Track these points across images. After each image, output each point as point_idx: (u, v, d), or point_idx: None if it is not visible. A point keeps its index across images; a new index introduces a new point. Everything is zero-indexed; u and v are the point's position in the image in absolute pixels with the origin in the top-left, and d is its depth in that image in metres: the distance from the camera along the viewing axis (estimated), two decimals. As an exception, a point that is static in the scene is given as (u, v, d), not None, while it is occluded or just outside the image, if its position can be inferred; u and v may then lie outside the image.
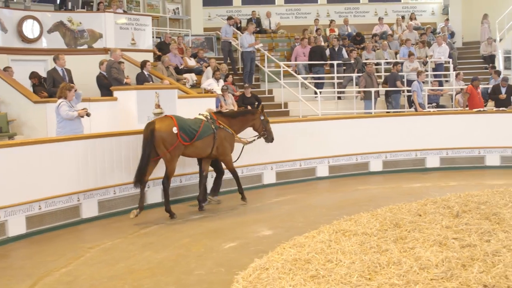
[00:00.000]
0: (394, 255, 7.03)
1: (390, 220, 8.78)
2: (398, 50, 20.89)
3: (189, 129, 10.39)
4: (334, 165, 14.17)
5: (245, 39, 18.62)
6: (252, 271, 6.86)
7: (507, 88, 16.56)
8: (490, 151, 14.92)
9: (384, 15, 25.47)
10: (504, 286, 5.96)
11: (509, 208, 9.32)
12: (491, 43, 22.12)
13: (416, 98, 16.06)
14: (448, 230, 8.16)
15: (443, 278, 6.23)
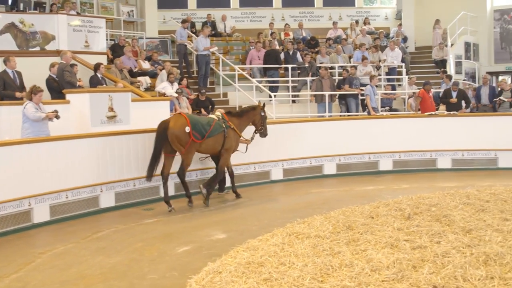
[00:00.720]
0: (346, 257, 7.08)
1: (343, 223, 8.84)
2: (352, 54, 21.09)
3: (201, 128, 11.17)
4: (288, 168, 14.24)
5: (200, 43, 18.56)
6: (205, 274, 6.83)
7: (458, 92, 16.83)
8: (441, 154, 15.17)
9: (338, 19, 25.68)
10: (453, 286, 6.06)
11: (459, 210, 9.49)
12: (442, 48, 22.47)
13: (369, 102, 16.22)
14: (399, 232, 8.25)
15: (394, 279, 6.30)
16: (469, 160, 15.12)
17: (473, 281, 6.15)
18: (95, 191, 11.02)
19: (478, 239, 7.75)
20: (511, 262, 6.68)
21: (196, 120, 11.30)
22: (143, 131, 11.86)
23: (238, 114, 12.43)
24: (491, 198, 10.39)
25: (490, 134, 15.06)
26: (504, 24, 25.59)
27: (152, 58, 18.64)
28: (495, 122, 15.31)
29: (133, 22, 23.56)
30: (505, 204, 9.88)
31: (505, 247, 7.24)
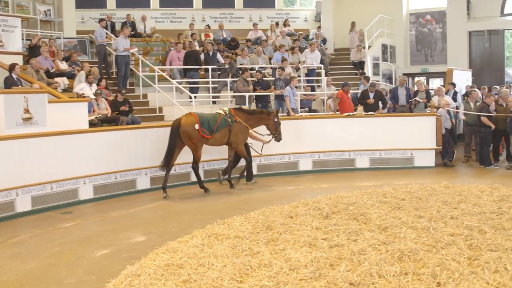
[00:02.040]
0: (265, 257, 7.14)
1: (262, 223, 8.90)
2: (272, 55, 21.23)
3: (208, 125, 12.56)
4: (208, 169, 14.20)
5: (119, 43, 18.32)
6: (124, 278, 6.76)
7: (375, 93, 17.18)
8: (359, 154, 15.45)
9: (258, 21, 25.88)
10: (369, 283, 6.19)
11: (376, 208, 9.70)
12: (360, 50, 22.94)
13: (288, 103, 16.36)
14: (318, 231, 8.38)
15: (312, 278, 6.38)
16: (386, 159, 15.46)
17: (388, 277, 6.31)
18: (10, 195, 10.71)
19: (394, 236, 7.96)
20: (424, 258, 6.89)
21: (204, 118, 12.66)
22: (60, 133, 11.64)
23: (248, 112, 13.65)
24: (406, 196, 10.69)
25: (406, 134, 15.41)
26: (419, 27, 26.35)
27: (70, 59, 18.28)
28: (411, 122, 15.69)
29: (50, 21, 23.03)
30: (419, 202, 10.17)
31: (418, 244, 7.46)
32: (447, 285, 6.10)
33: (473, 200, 10.23)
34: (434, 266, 6.57)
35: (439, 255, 6.96)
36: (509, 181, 13.05)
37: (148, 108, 18.12)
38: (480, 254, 7.04)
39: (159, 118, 17.48)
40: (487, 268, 6.53)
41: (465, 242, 7.56)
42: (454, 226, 8.43)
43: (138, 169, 13.04)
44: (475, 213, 9.17)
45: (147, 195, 12.91)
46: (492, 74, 25.01)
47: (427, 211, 9.37)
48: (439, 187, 11.72)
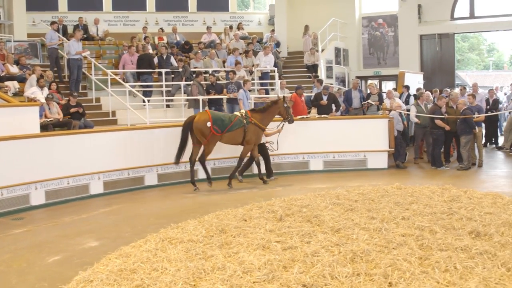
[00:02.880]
0: (219, 261, 7.13)
1: (216, 226, 8.89)
2: (226, 59, 21.23)
3: (221, 123, 13.28)
4: (163, 173, 14.15)
5: (71, 46, 18.10)
6: (76, 284, 6.70)
7: (328, 96, 17.30)
8: (313, 156, 15.56)
9: (212, 24, 25.90)
10: (321, 284, 6.23)
11: (329, 210, 9.78)
12: (314, 53, 23.10)
13: (242, 106, 16.36)
14: (271, 233, 8.40)
15: (265, 280, 6.41)
16: (339, 161, 15.58)
17: (341, 279, 6.36)
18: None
19: (346, 237, 8.03)
20: (376, 259, 6.96)
21: (218, 117, 13.44)
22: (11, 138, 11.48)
23: (261, 110, 14.18)
24: (359, 198, 10.79)
25: (359, 136, 15.58)
26: (372, 30, 26.65)
27: (21, 62, 18.00)
28: (364, 124, 15.87)
29: (0, 24, 22.62)
30: (372, 203, 10.29)
31: (371, 245, 7.54)
32: (398, 285, 6.18)
33: (425, 201, 10.39)
34: (386, 266, 6.64)
35: (390, 256, 7.04)
36: (459, 181, 13.30)
37: (101, 112, 17.94)
38: (431, 254, 7.15)
39: (112, 122, 17.33)
40: (437, 268, 6.64)
41: (416, 242, 7.67)
42: (405, 226, 8.55)
43: (91, 174, 12.89)
44: (426, 214, 9.32)
45: (100, 200, 12.80)
46: (443, 77, 25.45)
47: (380, 212, 9.49)
48: (391, 188, 11.86)
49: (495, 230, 8.23)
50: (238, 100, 16.72)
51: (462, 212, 9.36)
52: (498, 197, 10.88)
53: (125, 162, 13.49)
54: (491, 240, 7.82)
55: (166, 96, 18.95)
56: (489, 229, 8.27)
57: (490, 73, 55.25)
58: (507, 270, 6.63)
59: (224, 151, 14.63)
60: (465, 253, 7.17)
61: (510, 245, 7.60)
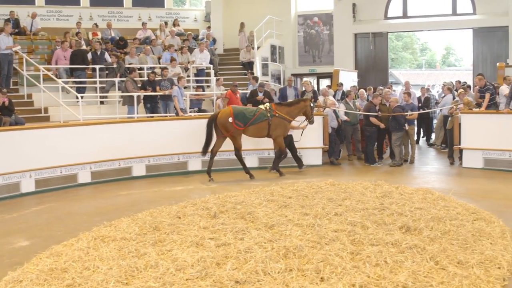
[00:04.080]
0: (152, 258, 7.09)
1: (150, 224, 8.83)
2: (161, 55, 21.06)
3: (243, 118, 13.86)
4: (96, 170, 13.96)
5: (2, 41, 17.61)
6: (5, 285, 6.56)
7: (264, 93, 17.36)
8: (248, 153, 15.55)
9: (148, 20, 25.58)
10: (254, 280, 6.28)
11: (263, 207, 9.83)
12: (249, 51, 23.15)
13: (177, 103, 16.25)
14: (205, 230, 8.40)
15: (198, 277, 6.41)
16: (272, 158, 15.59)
17: (273, 274, 6.41)
18: None
19: (280, 234, 8.09)
20: (309, 254, 7.04)
21: (240, 111, 14.00)
22: None
23: (286, 104, 14.80)
24: (293, 195, 10.88)
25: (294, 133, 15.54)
26: (307, 28, 26.88)
27: None
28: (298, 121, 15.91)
29: None
30: (306, 200, 10.38)
31: (303, 241, 7.62)
32: (330, 280, 6.26)
33: (357, 197, 10.55)
34: (318, 261, 6.73)
35: (323, 251, 7.14)
36: (391, 178, 13.55)
37: (33, 108, 17.53)
38: (362, 249, 7.28)
39: (44, 119, 16.93)
40: (368, 262, 6.76)
41: (348, 238, 7.79)
42: (338, 222, 8.67)
43: (22, 172, 12.62)
44: (358, 209, 9.46)
45: (32, 198, 12.54)
46: (377, 75, 25.91)
47: (313, 208, 9.58)
48: (325, 185, 11.99)
49: (424, 225, 8.43)
50: (172, 97, 16.57)
51: (394, 208, 9.54)
52: (429, 192, 11.16)
53: (57, 160, 13.23)
54: (420, 234, 8.02)
55: (100, 93, 18.64)
56: (419, 224, 8.47)
57: (423, 72, 56.50)
58: (435, 263, 6.81)
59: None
60: (395, 248, 7.32)
61: (438, 239, 7.81)
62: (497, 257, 7.06)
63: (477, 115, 15.01)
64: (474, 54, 25.24)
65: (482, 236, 8.07)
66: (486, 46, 24.70)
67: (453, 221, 8.77)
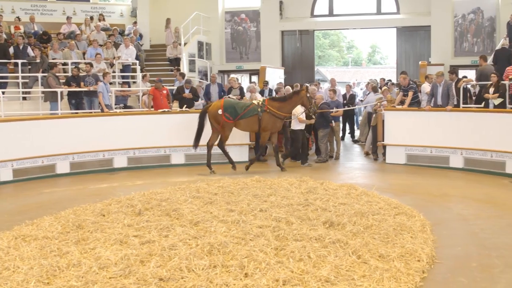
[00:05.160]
0: (75, 257, 6.98)
1: (73, 222, 8.69)
2: (86, 50, 20.70)
3: (233, 111, 14.07)
4: (18, 168, 13.60)
5: None
6: None
7: (190, 90, 17.30)
8: (175, 150, 15.54)
9: (72, 14, 25.07)
10: (178, 277, 6.25)
11: (188, 203, 9.82)
12: (176, 47, 23.02)
13: (101, 100, 16.01)
14: (129, 228, 8.33)
15: (122, 275, 6.35)
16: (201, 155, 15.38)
17: (197, 271, 6.41)
18: None
19: (204, 230, 8.09)
20: (233, 250, 7.06)
21: (230, 104, 14.23)
22: None
23: (280, 99, 14.86)
24: (219, 191, 10.92)
25: (220, 129, 15.69)
26: (234, 25, 26.90)
27: None
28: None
29: None
30: (231, 196, 10.43)
31: (228, 237, 7.64)
32: (254, 275, 6.29)
33: (282, 193, 10.66)
34: (242, 257, 6.76)
35: (247, 247, 7.17)
36: (317, 174, 13.74)
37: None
38: (286, 244, 7.35)
39: (-37, 115, 16.42)
40: (292, 257, 6.83)
41: (272, 233, 7.85)
42: (263, 218, 8.73)
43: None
44: (283, 205, 9.56)
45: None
46: (304, 72, 26.22)
47: (238, 204, 9.63)
48: (251, 181, 12.07)
49: (347, 219, 8.59)
50: (98, 93, 16.31)
51: (318, 203, 9.68)
52: (353, 188, 11.37)
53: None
54: (343, 229, 8.16)
55: (22, 88, 18.18)
56: (342, 219, 8.62)
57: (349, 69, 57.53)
58: (357, 257, 6.94)
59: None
60: (318, 243, 7.43)
61: (361, 233, 7.97)
62: (417, 250, 7.24)
63: (400, 112, 15.38)
64: (398, 52, 25.84)
65: (403, 230, 8.27)
66: (409, 45, 25.32)
67: (375, 215, 8.97)
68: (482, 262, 7.19)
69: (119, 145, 14.83)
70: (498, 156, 13.61)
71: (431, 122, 14.72)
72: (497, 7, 23.61)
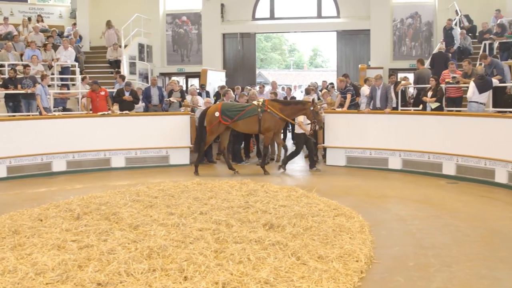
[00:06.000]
0: (10, 263, 6.83)
1: (9, 227, 8.51)
2: (24, 52, 20.29)
3: (230, 113, 14.14)
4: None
5: None
6: None
7: (130, 93, 17.13)
8: (115, 153, 15.37)
9: (10, 15, 24.51)
10: (117, 282, 6.21)
11: (128, 207, 9.74)
12: (116, 49, 22.78)
13: (40, 102, 15.70)
14: (67, 233, 8.21)
15: (59, 281, 6.27)
16: (142, 158, 15.54)
17: (136, 275, 6.38)
18: None
19: (144, 234, 8.05)
20: (173, 254, 7.05)
21: (228, 106, 14.42)
22: None
23: (283, 102, 14.90)
24: (159, 194, 10.86)
25: (161, 132, 15.63)
26: (176, 27, 26.75)
27: None
28: (166, 121, 15.94)
29: None
30: (172, 199, 10.40)
31: (168, 240, 7.62)
32: (193, 279, 6.29)
33: (223, 196, 10.68)
34: (182, 261, 6.74)
35: (187, 250, 7.17)
36: (257, 176, 13.78)
37: None
38: (226, 247, 7.37)
39: None
40: (231, 260, 6.85)
41: (212, 236, 7.86)
42: (203, 221, 8.73)
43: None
44: (223, 208, 9.58)
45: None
46: (245, 74, 26.27)
47: (179, 207, 9.61)
48: (191, 184, 12.06)
49: (287, 221, 8.66)
50: (35, 96, 16.00)
51: (258, 206, 9.73)
52: (293, 190, 11.46)
53: None
54: (283, 231, 8.22)
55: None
56: (282, 221, 8.69)
57: (291, 72, 57.91)
58: (297, 259, 7.01)
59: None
60: (258, 245, 7.47)
61: (301, 235, 8.05)
62: (356, 251, 7.36)
63: (340, 114, 15.56)
64: (338, 56, 26.14)
65: (342, 231, 8.39)
66: (349, 48, 25.65)
67: (315, 217, 9.06)
68: (418, 262, 7.35)
69: (58, 148, 14.60)
70: (435, 157, 13.92)
71: (370, 124, 14.96)
72: (434, 12, 24.14)
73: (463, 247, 7.97)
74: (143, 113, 17.15)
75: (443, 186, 12.92)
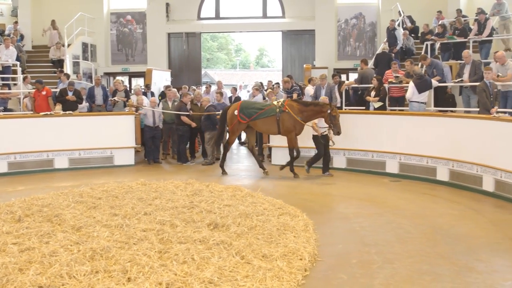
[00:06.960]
0: None
1: None
2: (-37, 51, 19.83)
3: (249, 112, 13.95)
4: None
5: None
6: None
7: (74, 92, 16.91)
8: (58, 154, 15.13)
9: None
10: (59, 284, 6.12)
11: (71, 208, 9.61)
12: (60, 48, 22.46)
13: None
14: (8, 235, 8.05)
15: (-1, 284, 6.14)
16: (86, 159, 15.34)
17: (79, 277, 6.30)
18: None
19: (87, 235, 7.95)
20: (116, 255, 6.99)
21: (247, 105, 14.27)
22: None
23: (303, 103, 14.15)
24: (103, 195, 10.73)
25: (105, 133, 15.46)
26: (120, 27, 26.55)
27: None
28: (110, 121, 15.78)
29: None
30: (116, 200, 10.29)
31: (111, 241, 7.55)
32: (137, 280, 6.25)
33: (168, 196, 10.62)
34: (125, 262, 6.70)
35: (131, 251, 7.12)
36: (202, 176, 13.77)
37: None
38: (170, 247, 7.34)
39: None
40: (175, 260, 6.83)
41: (156, 237, 7.82)
42: (147, 221, 8.69)
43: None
44: (168, 208, 9.54)
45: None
46: (191, 74, 26.25)
47: (122, 208, 9.53)
48: (136, 184, 11.96)
49: (232, 221, 8.68)
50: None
51: (203, 205, 9.73)
52: (238, 189, 11.48)
53: None
54: (228, 230, 8.23)
55: None
56: (227, 220, 8.71)
57: (237, 72, 57.95)
58: (241, 258, 7.04)
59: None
60: (203, 245, 7.46)
61: (245, 234, 8.08)
62: (300, 249, 7.43)
63: (284, 114, 15.61)
64: (284, 55, 26.31)
65: (286, 230, 8.45)
66: (294, 48, 25.85)
67: (259, 216, 9.10)
68: (361, 259, 7.47)
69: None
70: (378, 156, 14.15)
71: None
72: (377, 13, 24.54)
73: (405, 244, 8.14)
74: (87, 113, 16.96)
75: (387, 184, 13.14)
